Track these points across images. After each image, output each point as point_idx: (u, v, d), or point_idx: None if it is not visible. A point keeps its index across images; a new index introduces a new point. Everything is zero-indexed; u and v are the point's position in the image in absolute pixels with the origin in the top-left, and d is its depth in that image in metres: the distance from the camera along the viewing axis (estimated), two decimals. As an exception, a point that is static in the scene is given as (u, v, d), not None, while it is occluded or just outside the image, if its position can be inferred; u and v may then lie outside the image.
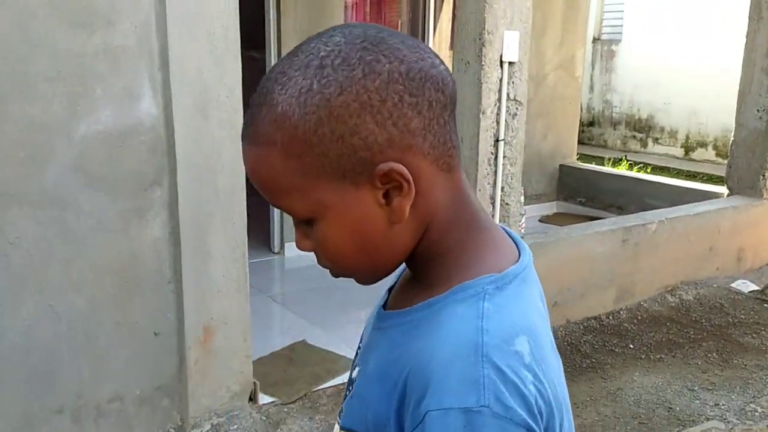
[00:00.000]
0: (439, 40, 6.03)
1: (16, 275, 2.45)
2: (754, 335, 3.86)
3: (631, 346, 3.74)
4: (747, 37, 4.84)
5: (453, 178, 0.70)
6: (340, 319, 3.98)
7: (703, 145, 9.41)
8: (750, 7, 4.80)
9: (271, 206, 4.91)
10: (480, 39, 3.40)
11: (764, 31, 4.71)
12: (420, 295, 0.71)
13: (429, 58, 0.66)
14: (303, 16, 4.78)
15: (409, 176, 0.65)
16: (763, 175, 4.81)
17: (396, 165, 0.64)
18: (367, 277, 0.74)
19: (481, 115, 3.43)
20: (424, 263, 0.72)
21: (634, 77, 9.97)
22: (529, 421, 0.61)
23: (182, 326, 2.77)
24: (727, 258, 4.74)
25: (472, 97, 3.46)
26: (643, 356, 3.62)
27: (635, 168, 8.13)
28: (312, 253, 0.72)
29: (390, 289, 0.81)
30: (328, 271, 0.74)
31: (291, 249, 4.94)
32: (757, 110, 4.80)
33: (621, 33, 10.24)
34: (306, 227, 0.70)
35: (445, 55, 6.03)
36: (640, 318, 4.09)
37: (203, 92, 2.68)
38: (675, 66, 9.22)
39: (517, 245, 0.76)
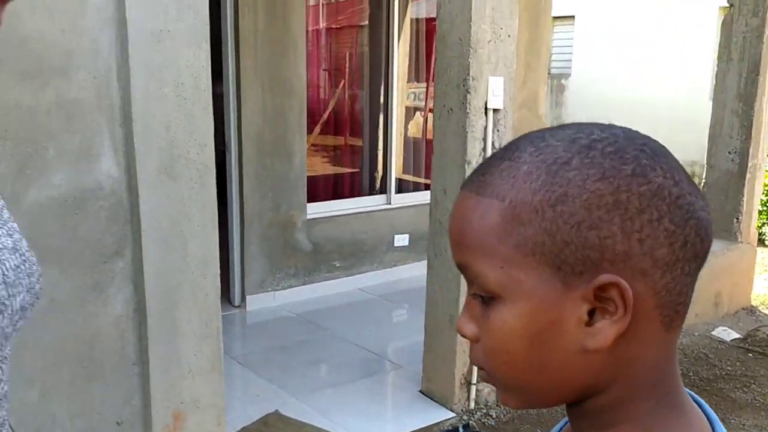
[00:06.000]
0: (397, 75, 5.84)
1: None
2: (744, 389, 3.73)
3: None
4: (716, 78, 4.81)
5: (668, 340, 0.59)
6: (314, 385, 3.67)
7: (655, 178, 9.50)
8: (719, 48, 4.77)
9: (231, 252, 4.58)
10: (464, 85, 3.20)
11: (734, 72, 4.68)
12: None
13: (699, 199, 0.58)
14: (263, 53, 4.51)
15: (631, 303, 0.54)
16: (737, 218, 4.75)
17: (623, 283, 0.54)
18: (515, 393, 0.62)
19: (466, 166, 3.22)
20: (593, 426, 0.60)
21: (585, 111, 10.03)
22: None
23: (149, 413, 2.44)
24: (706, 303, 4.64)
25: (457, 146, 3.25)
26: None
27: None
28: None
29: None
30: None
31: (253, 302, 4.61)
32: (729, 152, 4.75)
33: (570, 67, 10.32)
34: (481, 307, 0.59)
35: (402, 87, 5.88)
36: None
37: (170, 150, 2.39)
38: (625, 99, 9.31)
39: (713, 427, 0.61)
